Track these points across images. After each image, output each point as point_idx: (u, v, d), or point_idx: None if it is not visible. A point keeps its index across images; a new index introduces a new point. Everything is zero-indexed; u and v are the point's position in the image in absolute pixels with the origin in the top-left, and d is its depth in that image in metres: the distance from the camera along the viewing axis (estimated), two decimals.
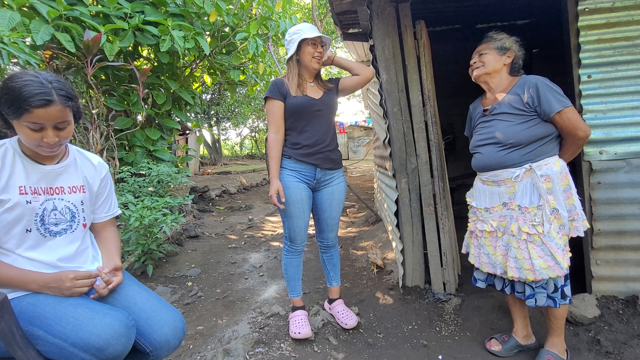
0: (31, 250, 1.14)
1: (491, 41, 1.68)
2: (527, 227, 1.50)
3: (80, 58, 3.17)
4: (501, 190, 1.61)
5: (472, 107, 1.85)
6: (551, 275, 1.47)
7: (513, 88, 1.60)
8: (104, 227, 1.39)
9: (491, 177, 1.64)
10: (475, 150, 1.72)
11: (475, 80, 1.75)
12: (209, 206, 6.23)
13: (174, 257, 3.41)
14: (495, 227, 1.62)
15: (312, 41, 1.87)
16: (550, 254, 1.46)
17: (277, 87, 1.88)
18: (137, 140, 3.95)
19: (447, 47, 4.11)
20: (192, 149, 9.12)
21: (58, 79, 1.10)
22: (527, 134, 1.53)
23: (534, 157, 1.53)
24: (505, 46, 1.65)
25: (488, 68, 1.66)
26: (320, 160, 1.92)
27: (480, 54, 1.70)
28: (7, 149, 1.12)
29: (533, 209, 1.50)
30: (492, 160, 1.61)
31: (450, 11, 3.05)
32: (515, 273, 1.53)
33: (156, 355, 1.19)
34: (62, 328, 1.02)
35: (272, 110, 1.89)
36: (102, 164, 1.38)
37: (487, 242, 1.67)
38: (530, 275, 1.49)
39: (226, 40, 4.39)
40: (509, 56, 1.66)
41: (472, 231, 1.76)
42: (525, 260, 1.50)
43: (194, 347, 1.94)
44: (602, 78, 1.94)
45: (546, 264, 1.47)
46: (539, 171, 1.50)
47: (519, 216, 1.53)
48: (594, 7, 1.94)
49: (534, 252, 1.48)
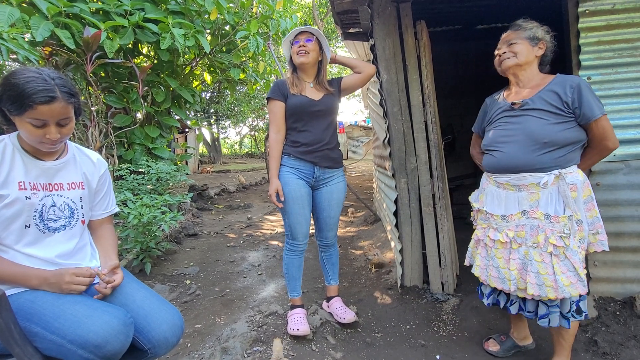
0: (30, 247, 1.14)
1: (520, 30, 1.52)
2: (555, 238, 1.36)
3: (80, 55, 3.16)
4: (522, 196, 1.45)
5: (490, 101, 1.68)
6: (572, 294, 1.34)
7: (550, 85, 1.45)
8: (101, 224, 1.39)
9: (512, 181, 1.47)
10: (495, 148, 1.53)
11: (502, 73, 1.59)
12: (208, 205, 6.22)
13: (172, 255, 3.41)
14: (512, 237, 1.46)
15: (294, 40, 1.93)
16: (573, 270, 1.34)
17: (279, 87, 1.92)
18: (137, 137, 3.94)
19: (447, 47, 4.12)
20: (192, 147, 9.11)
21: (60, 76, 1.10)
22: (563, 135, 1.39)
23: (564, 163, 1.40)
24: (538, 36, 1.49)
25: (521, 59, 1.49)
26: (319, 159, 1.92)
27: (510, 44, 1.52)
28: (7, 145, 1.12)
29: (564, 219, 1.36)
30: (518, 161, 1.44)
31: (451, 12, 3.05)
32: (535, 290, 1.38)
33: (154, 353, 1.19)
34: (60, 325, 1.02)
35: (274, 110, 1.92)
36: (101, 161, 1.37)
37: (499, 253, 1.50)
38: (551, 293, 1.36)
39: (226, 39, 4.38)
40: (541, 47, 1.50)
41: (479, 240, 1.60)
42: (548, 275, 1.36)
43: (192, 346, 1.94)
44: (601, 80, 1.95)
45: (569, 281, 1.34)
46: (568, 179, 1.38)
47: (547, 226, 1.38)
48: (595, 9, 1.94)
49: (558, 268, 1.35)
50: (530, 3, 2.58)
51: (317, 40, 1.92)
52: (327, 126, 1.94)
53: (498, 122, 1.57)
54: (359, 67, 1.99)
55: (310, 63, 1.91)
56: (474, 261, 1.65)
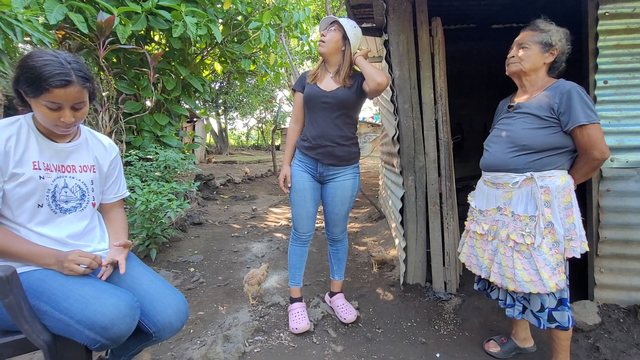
0: (42, 226, 1.16)
1: (536, 32, 1.48)
2: (516, 235, 1.43)
3: (93, 39, 3.17)
4: (498, 194, 1.53)
5: (502, 103, 1.72)
6: (532, 291, 1.39)
7: (546, 89, 1.46)
8: (112, 207, 1.41)
9: (492, 179, 1.56)
10: (486, 147, 1.63)
11: (509, 76, 1.60)
12: (214, 194, 6.26)
13: (177, 242, 3.44)
14: (487, 230, 1.56)
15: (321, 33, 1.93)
16: (535, 269, 1.38)
17: (301, 78, 1.99)
18: (146, 124, 3.96)
19: (461, 46, 4.06)
20: (199, 136, 9.14)
21: (76, 60, 1.11)
22: (542, 140, 1.42)
23: (539, 167, 1.44)
24: (551, 42, 1.46)
25: (525, 66, 1.49)
26: (321, 156, 1.90)
27: (521, 47, 1.51)
28: (22, 125, 1.14)
29: (525, 218, 1.43)
30: (496, 160, 1.53)
31: (466, 9, 3.01)
32: (497, 279, 1.49)
33: (159, 336, 1.21)
34: (68, 305, 1.04)
35: (295, 100, 2.02)
36: (113, 145, 1.39)
37: (478, 244, 1.62)
38: (510, 285, 1.43)
39: (238, 29, 4.37)
40: (552, 53, 1.48)
41: (467, 230, 1.71)
42: (508, 268, 1.44)
43: (195, 332, 1.97)
44: (618, 84, 1.92)
45: (529, 278, 1.39)
46: (540, 182, 1.41)
47: (510, 223, 1.47)
48: (615, 12, 1.90)
49: (519, 263, 1.42)
50: (548, 3, 2.53)
51: (340, 30, 1.85)
52: (335, 120, 1.87)
53: (498, 124, 1.64)
54: (368, 78, 1.77)
55: (327, 53, 1.88)
56: (462, 248, 1.75)
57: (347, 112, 1.90)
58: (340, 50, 1.88)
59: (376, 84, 1.74)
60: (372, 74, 1.76)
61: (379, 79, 1.74)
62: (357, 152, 2.00)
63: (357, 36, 1.89)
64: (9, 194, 1.10)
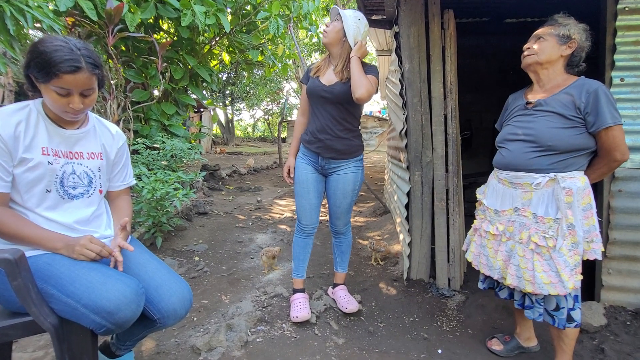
0: (50, 211, 1.17)
1: (554, 25, 1.46)
2: (538, 237, 1.40)
3: (102, 27, 3.17)
4: (516, 194, 1.49)
5: (512, 98, 1.67)
6: (551, 292, 1.37)
7: (568, 87, 1.42)
8: (119, 195, 1.41)
9: (510, 178, 1.51)
10: (502, 145, 1.57)
11: (524, 69, 1.56)
12: (219, 185, 6.29)
13: (182, 231, 3.47)
14: (501, 231, 1.53)
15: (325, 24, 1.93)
16: (555, 271, 1.37)
17: (308, 71, 1.99)
18: (153, 114, 3.97)
19: (473, 40, 3.98)
20: (206, 126, 9.16)
21: (86, 46, 1.12)
22: (568, 141, 1.38)
23: (563, 168, 1.40)
24: (569, 34, 1.43)
25: (541, 57, 1.45)
26: (321, 149, 1.90)
27: (538, 39, 1.48)
28: (32, 110, 1.14)
29: (549, 220, 1.39)
30: (517, 160, 1.47)
31: (480, 2, 2.94)
32: (514, 281, 1.46)
33: (163, 323, 1.22)
34: (75, 289, 1.05)
35: (302, 93, 2.04)
36: (120, 133, 1.39)
37: (490, 244, 1.58)
38: (529, 287, 1.41)
39: (247, 19, 4.33)
40: (570, 46, 1.44)
41: (476, 229, 1.68)
42: (527, 270, 1.41)
43: (198, 320, 1.99)
44: (635, 82, 1.87)
45: (549, 280, 1.37)
46: (563, 183, 1.38)
47: (532, 225, 1.43)
48: (635, 7, 1.85)
49: (539, 265, 1.39)
50: None
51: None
52: (335, 114, 1.85)
53: (512, 120, 1.58)
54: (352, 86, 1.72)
55: (328, 43, 1.86)
56: (470, 247, 1.72)
57: (346, 106, 1.86)
58: (341, 41, 1.84)
59: (355, 98, 1.72)
60: (356, 83, 1.70)
61: (357, 93, 1.69)
62: (358, 145, 1.96)
63: (358, 27, 1.79)
64: (18, 178, 1.11)
